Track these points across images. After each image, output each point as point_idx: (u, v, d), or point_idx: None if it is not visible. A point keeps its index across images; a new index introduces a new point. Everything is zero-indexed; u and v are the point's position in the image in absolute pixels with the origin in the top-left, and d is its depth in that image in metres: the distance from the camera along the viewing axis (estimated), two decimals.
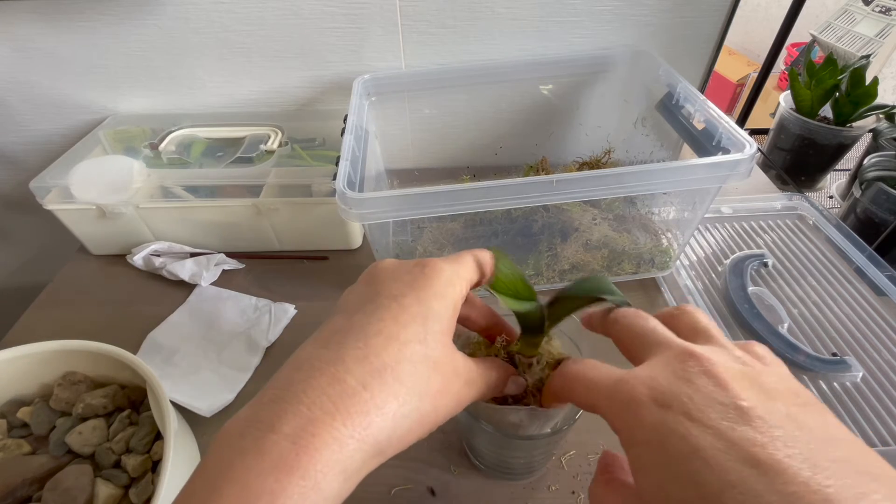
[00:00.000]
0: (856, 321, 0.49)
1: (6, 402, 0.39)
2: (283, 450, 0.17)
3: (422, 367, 0.20)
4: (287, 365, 0.20)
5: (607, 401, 0.20)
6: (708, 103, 0.47)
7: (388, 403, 0.19)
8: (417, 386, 0.20)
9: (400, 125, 0.68)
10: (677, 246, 0.53)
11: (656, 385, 0.18)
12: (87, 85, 0.64)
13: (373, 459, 0.19)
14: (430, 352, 0.21)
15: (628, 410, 0.18)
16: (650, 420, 0.17)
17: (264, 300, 0.48)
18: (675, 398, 0.17)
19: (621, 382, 0.19)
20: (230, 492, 0.16)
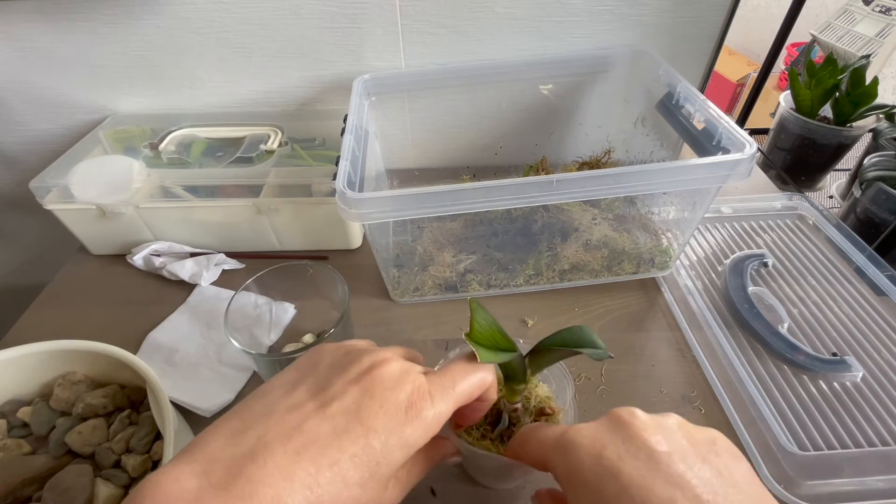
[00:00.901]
0: (856, 321, 0.49)
1: (6, 402, 0.39)
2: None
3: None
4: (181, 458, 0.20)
5: (553, 450, 0.22)
6: (708, 103, 0.47)
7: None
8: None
9: (400, 125, 0.68)
10: (677, 246, 0.53)
11: (593, 433, 0.22)
12: (87, 85, 0.64)
13: None
14: (364, 495, 0.20)
15: (570, 454, 0.21)
16: (588, 463, 0.20)
17: (264, 298, 0.48)
18: (609, 443, 0.21)
19: (566, 432, 0.22)
20: None
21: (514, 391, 0.29)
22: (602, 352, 0.25)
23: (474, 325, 0.26)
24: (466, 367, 0.25)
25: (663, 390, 0.44)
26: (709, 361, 0.46)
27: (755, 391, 0.42)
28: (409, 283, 0.53)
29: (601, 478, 0.20)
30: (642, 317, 0.51)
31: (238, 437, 0.20)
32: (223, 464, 0.19)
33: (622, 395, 0.44)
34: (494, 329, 0.26)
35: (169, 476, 0.18)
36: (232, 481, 0.18)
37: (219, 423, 0.21)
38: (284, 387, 0.23)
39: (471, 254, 0.54)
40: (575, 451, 0.21)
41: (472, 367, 0.25)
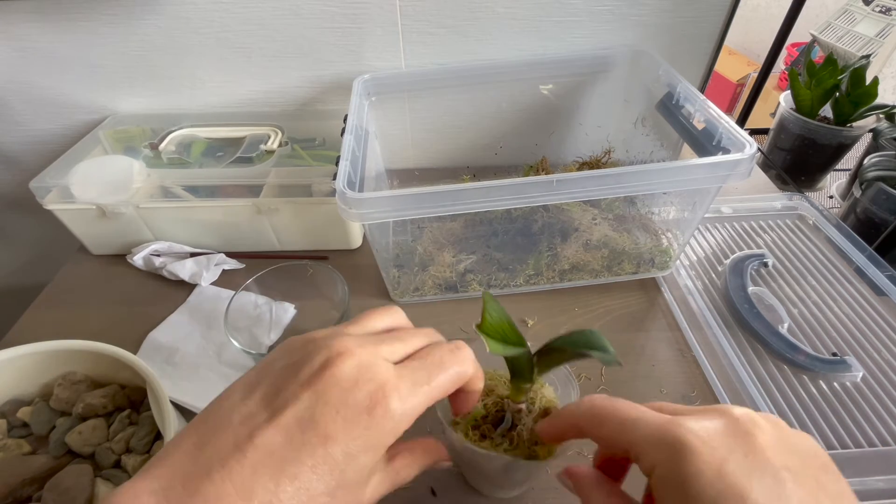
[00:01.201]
0: (856, 321, 0.49)
1: (6, 402, 0.39)
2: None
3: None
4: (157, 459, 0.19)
5: (655, 445, 0.20)
6: (708, 103, 0.47)
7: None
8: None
9: (400, 125, 0.68)
10: (677, 246, 0.53)
11: (711, 438, 0.19)
12: (87, 85, 0.64)
13: None
14: (333, 502, 0.19)
15: (683, 458, 0.18)
16: (708, 476, 0.18)
17: (264, 298, 0.48)
18: (730, 455, 0.18)
19: (672, 426, 0.20)
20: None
21: (521, 390, 0.29)
22: (611, 357, 0.24)
23: (486, 316, 0.25)
24: (445, 359, 0.23)
25: (663, 390, 0.44)
26: (709, 361, 0.46)
27: (755, 391, 0.42)
28: (409, 283, 0.53)
29: (723, 496, 0.17)
30: (642, 317, 0.51)
31: (197, 451, 0.19)
32: (181, 481, 0.18)
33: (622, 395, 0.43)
34: (505, 322, 0.26)
35: (129, 494, 0.18)
36: (189, 500, 0.17)
37: (183, 432, 0.20)
38: (241, 392, 0.21)
39: (471, 254, 0.54)
40: (690, 456, 0.18)
41: (452, 358, 0.23)
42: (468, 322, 0.51)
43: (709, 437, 0.19)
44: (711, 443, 0.18)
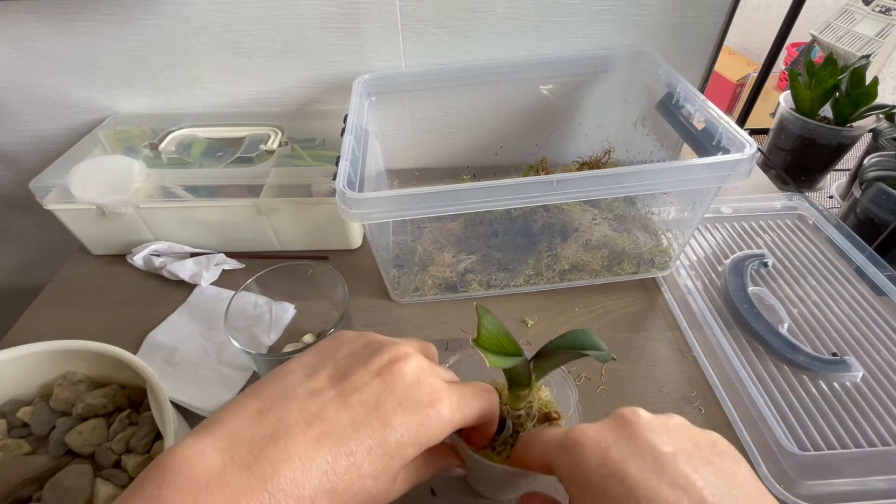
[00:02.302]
0: (856, 321, 0.49)
1: (6, 402, 0.39)
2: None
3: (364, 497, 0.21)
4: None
5: (557, 451, 0.22)
6: (708, 103, 0.47)
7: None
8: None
9: (400, 125, 0.68)
10: (677, 246, 0.53)
11: (597, 433, 0.21)
12: (87, 85, 0.64)
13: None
14: (374, 487, 0.21)
15: (574, 454, 0.21)
16: (593, 463, 0.20)
17: (264, 298, 0.48)
18: (613, 444, 0.21)
19: (570, 433, 0.22)
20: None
21: (518, 397, 0.29)
22: (606, 353, 0.25)
23: (482, 330, 0.25)
24: (482, 388, 0.26)
25: (663, 390, 0.44)
26: (709, 361, 0.46)
27: (755, 391, 0.42)
28: (409, 283, 0.53)
29: (606, 479, 0.19)
30: (642, 317, 0.51)
31: (260, 417, 0.20)
32: (246, 443, 0.19)
33: (622, 396, 0.44)
34: (501, 334, 0.26)
35: (194, 449, 0.19)
36: (255, 461, 0.18)
37: (239, 400, 0.21)
38: (304, 370, 0.23)
39: (471, 254, 0.54)
40: (579, 451, 0.21)
41: (487, 394, 0.25)
42: (468, 322, 0.51)
43: (595, 433, 0.21)
44: (597, 437, 0.21)
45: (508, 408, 0.29)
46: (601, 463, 0.20)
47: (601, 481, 0.19)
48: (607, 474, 0.19)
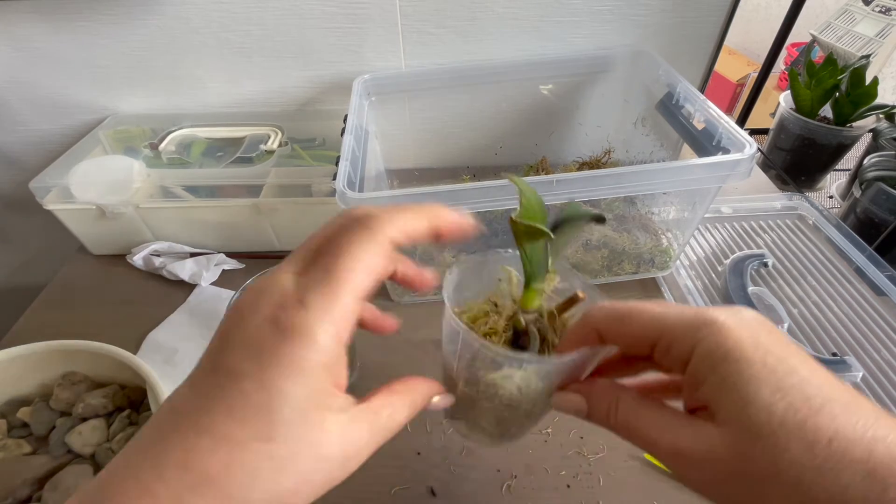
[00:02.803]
0: (856, 321, 0.49)
1: (6, 402, 0.39)
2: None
3: (265, 470, 0.16)
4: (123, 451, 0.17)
5: (684, 324, 0.20)
6: (708, 103, 0.47)
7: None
8: (255, 494, 0.16)
9: (400, 125, 0.68)
10: (677, 246, 0.53)
11: (740, 318, 0.19)
12: (87, 85, 0.64)
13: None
14: (277, 448, 0.16)
15: (717, 330, 0.19)
16: (746, 338, 0.18)
17: None
18: (760, 329, 0.19)
19: (702, 309, 0.20)
20: None
21: (535, 292, 0.23)
22: (600, 214, 0.23)
23: (524, 200, 0.21)
24: (346, 239, 0.19)
25: None
26: None
27: None
28: None
29: (765, 359, 0.18)
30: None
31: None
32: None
33: None
34: (539, 204, 0.22)
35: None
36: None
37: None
38: None
39: (471, 254, 0.54)
40: (729, 330, 0.18)
41: (356, 230, 0.19)
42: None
43: (739, 318, 0.19)
44: (742, 322, 0.19)
45: (521, 311, 0.24)
46: (756, 344, 0.18)
47: (761, 360, 0.18)
48: (766, 356, 0.18)
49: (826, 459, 0.16)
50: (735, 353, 0.18)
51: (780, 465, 0.16)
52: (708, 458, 0.18)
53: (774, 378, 0.17)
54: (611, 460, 0.39)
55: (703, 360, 0.19)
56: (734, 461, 0.17)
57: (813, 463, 0.16)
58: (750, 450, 0.17)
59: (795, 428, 0.16)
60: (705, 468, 0.18)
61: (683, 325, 0.20)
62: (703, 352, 0.19)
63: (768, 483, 0.17)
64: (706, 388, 0.19)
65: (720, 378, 0.18)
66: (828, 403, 0.16)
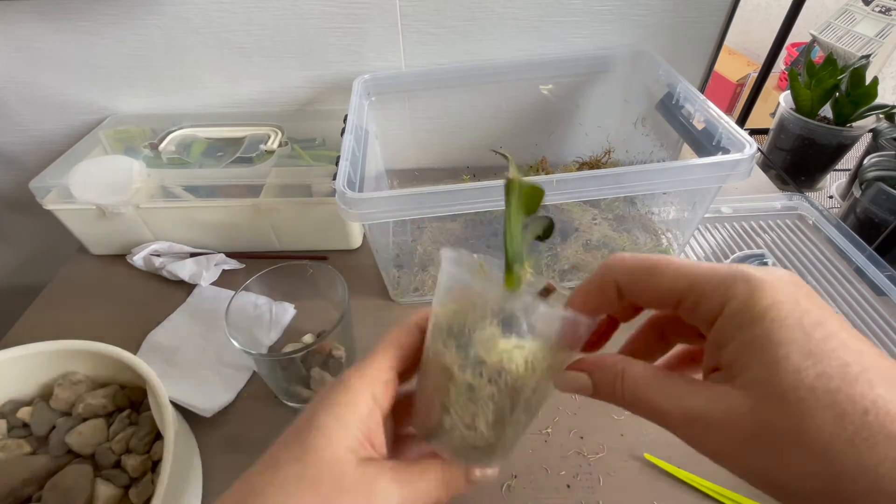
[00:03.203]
0: (856, 321, 0.49)
1: (6, 402, 0.39)
2: None
3: (294, 486, 0.19)
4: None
5: (716, 278, 0.18)
6: (708, 103, 0.47)
7: None
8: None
9: (400, 125, 0.68)
10: (677, 246, 0.53)
11: (777, 278, 0.18)
12: (87, 85, 0.64)
13: None
14: (306, 469, 0.19)
15: (753, 286, 0.17)
16: (783, 299, 0.17)
17: (264, 298, 0.48)
18: (797, 291, 0.17)
19: (734, 266, 0.19)
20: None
21: (515, 276, 0.22)
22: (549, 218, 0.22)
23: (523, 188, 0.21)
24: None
25: None
26: None
27: None
28: (409, 283, 0.53)
29: (804, 320, 0.16)
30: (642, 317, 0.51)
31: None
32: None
33: None
34: (537, 189, 0.21)
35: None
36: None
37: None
38: None
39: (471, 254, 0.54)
40: (767, 288, 0.17)
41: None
42: None
43: (776, 277, 0.18)
44: (780, 281, 0.18)
45: (507, 300, 0.22)
46: (796, 304, 0.17)
47: (799, 319, 0.16)
48: (804, 317, 0.16)
49: (858, 431, 0.14)
50: (771, 312, 0.17)
51: (806, 433, 0.15)
52: (725, 423, 0.17)
53: (810, 342, 0.16)
54: (611, 460, 0.39)
55: (733, 317, 0.18)
56: (754, 426, 0.16)
57: (843, 434, 0.15)
58: (773, 415, 0.16)
59: (827, 395, 0.15)
60: (722, 433, 0.17)
61: (717, 279, 0.18)
62: (735, 309, 0.18)
63: (791, 451, 0.15)
64: (731, 349, 0.17)
65: (749, 338, 0.17)
66: (866, 372, 0.15)
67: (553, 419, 0.42)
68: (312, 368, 0.42)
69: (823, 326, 0.16)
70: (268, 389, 0.45)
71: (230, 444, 0.42)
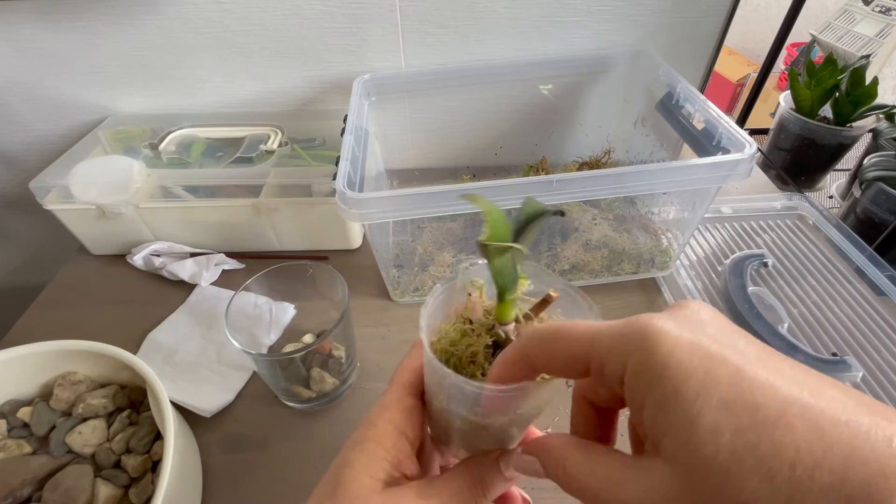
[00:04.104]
0: (856, 321, 0.49)
1: (6, 402, 0.39)
2: None
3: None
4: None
5: (611, 340, 0.17)
6: (708, 103, 0.47)
7: None
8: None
9: (400, 125, 0.68)
10: (677, 246, 0.53)
11: (668, 320, 0.16)
12: (87, 85, 0.64)
13: None
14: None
15: (648, 339, 0.16)
16: (685, 339, 0.15)
17: (264, 298, 0.48)
18: (694, 330, 0.16)
19: (630, 320, 0.17)
20: None
21: (509, 303, 0.22)
22: (553, 207, 0.22)
23: (490, 220, 0.20)
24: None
25: None
26: None
27: None
28: (409, 283, 0.53)
29: (712, 359, 0.15)
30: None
31: None
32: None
33: None
34: (503, 223, 0.21)
35: None
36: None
37: None
38: None
39: (471, 254, 0.54)
40: (662, 337, 0.16)
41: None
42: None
43: (677, 318, 0.17)
44: (680, 323, 0.16)
45: (498, 324, 0.23)
46: (697, 346, 0.15)
47: (699, 366, 0.15)
48: (706, 360, 0.15)
49: (793, 493, 0.12)
50: (670, 364, 0.15)
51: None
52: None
53: (719, 390, 0.14)
54: None
55: (638, 376, 0.16)
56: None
57: (778, 499, 0.13)
58: (704, 491, 0.14)
59: (749, 454, 0.13)
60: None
61: (612, 338, 0.17)
62: (636, 366, 0.16)
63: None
64: (648, 412, 0.16)
65: (660, 397, 0.15)
66: (784, 414, 0.13)
67: (553, 419, 0.42)
68: (312, 368, 0.42)
69: (728, 364, 0.15)
70: (268, 389, 0.45)
71: (230, 444, 0.42)
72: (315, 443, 0.42)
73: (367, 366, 0.47)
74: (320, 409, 0.44)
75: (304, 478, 0.39)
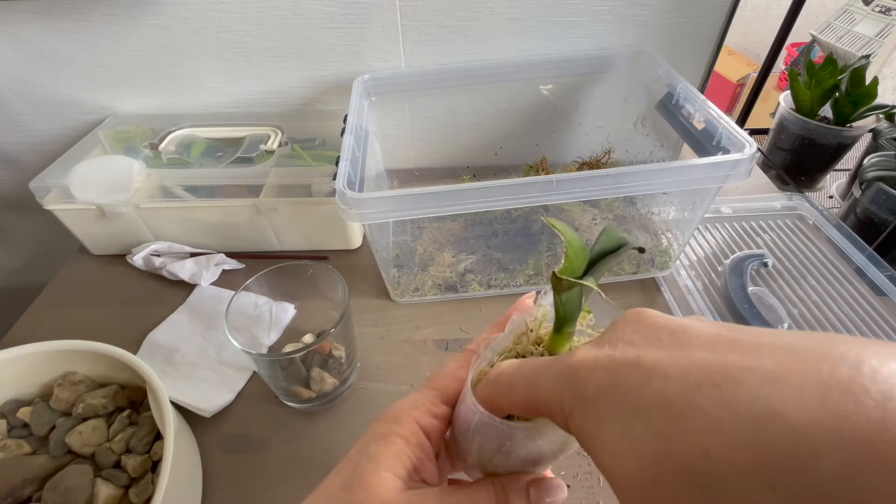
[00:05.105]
0: (856, 321, 0.49)
1: (6, 402, 0.39)
2: None
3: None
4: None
5: (551, 384, 0.17)
6: (708, 103, 0.47)
7: None
8: None
9: (400, 125, 0.68)
10: (677, 246, 0.53)
11: (596, 342, 0.17)
12: (87, 85, 0.64)
13: None
14: (352, 496, 0.19)
15: (573, 373, 0.16)
16: (602, 363, 0.15)
17: (264, 298, 0.48)
18: (615, 337, 0.16)
19: (563, 355, 0.18)
20: None
21: (566, 336, 0.21)
22: (634, 239, 0.21)
23: (570, 252, 0.20)
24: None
25: None
26: None
27: None
28: (409, 283, 0.53)
29: (618, 373, 0.15)
30: None
31: None
32: None
33: None
34: (582, 245, 0.20)
35: None
36: None
37: None
38: None
39: (471, 254, 0.54)
40: (582, 373, 0.16)
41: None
42: (468, 322, 0.51)
43: (591, 348, 0.17)
44: (592, 348, 0.16)
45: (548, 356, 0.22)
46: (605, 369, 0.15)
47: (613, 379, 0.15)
48: (619, 370, 0.15)
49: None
50: (588, 395, 0.15)
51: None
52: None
53: (629, 400, 0.14)
54: None
55: (572, 419, 0.16)
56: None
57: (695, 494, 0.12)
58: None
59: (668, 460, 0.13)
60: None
61: (552, 385, 0.17)
62: (569, 409, 0.16)
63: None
64: (592, 455, 0.15)
65: (588, 436, 0.15)
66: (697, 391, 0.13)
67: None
68: (312, 368, 0.42)
69: (640, 367, 0.14)
70: (268, 389, 0.45)
71: (230, 444, 0.42)
72: (315, 443, 0.42)
73: (367, 366, 0.47)
74: (320, 409, 0.44)
75: (304, 478, 0.39)
